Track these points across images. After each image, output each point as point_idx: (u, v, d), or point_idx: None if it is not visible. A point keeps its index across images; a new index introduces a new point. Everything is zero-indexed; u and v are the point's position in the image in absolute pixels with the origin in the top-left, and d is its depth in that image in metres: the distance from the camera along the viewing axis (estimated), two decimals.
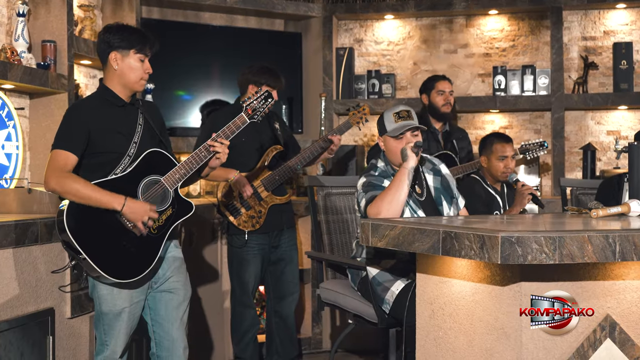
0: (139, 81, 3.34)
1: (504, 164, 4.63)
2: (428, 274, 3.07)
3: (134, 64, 3.31)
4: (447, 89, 5.22)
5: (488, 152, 4.69)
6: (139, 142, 3.29)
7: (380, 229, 2.96)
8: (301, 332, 5.76)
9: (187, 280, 3.46)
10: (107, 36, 3.34)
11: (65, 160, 3.15)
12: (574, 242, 2.50)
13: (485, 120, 6.38)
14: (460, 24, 6.47)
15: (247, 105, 3.50)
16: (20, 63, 4.24)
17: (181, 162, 3.32)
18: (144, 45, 3.31)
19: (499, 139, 4.71)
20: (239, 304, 4.64)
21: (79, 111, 3.29)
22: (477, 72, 6.43)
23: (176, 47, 5.99)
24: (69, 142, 3.18)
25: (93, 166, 3.22)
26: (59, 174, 3.11)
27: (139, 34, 3.37)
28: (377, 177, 3.74)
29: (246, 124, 3.50)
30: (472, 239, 2.56)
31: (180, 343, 3.39)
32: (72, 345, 3.56)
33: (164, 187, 3.27)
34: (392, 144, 3.74)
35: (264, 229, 4.58)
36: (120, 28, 3.38)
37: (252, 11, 6.32)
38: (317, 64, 6.43)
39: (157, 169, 3.27)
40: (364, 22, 6.58)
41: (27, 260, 3.28)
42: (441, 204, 3.84)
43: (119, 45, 3.31)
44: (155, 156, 3.28)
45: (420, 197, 3.77)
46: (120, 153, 3.24)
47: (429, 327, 3.08)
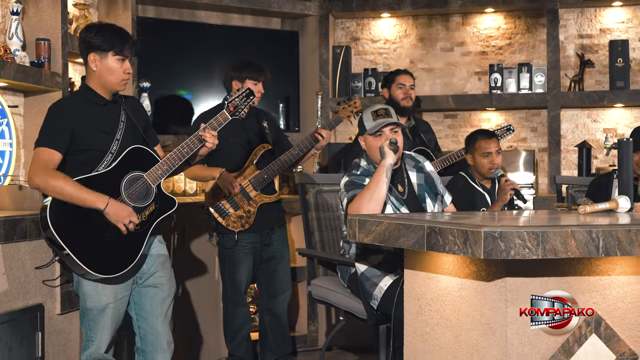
0: (119, 82, 3.34)
1: (488, 160, 4.63)
2: (415, 269, 3.08)
3: (112, 65, 3.31)
4: (408, 82, 5.18)
5: (472, 149, 4.69)
6: (121, 139, 3.31)
7: (367, 224, 2.96)
8: (296, 330, 5.76)
9: (171, 275, 3.48)
10: (86, 36, 3.34)
11: (50, 157, 3.16)
12: (557, 237, 2.50)
13: (482, 118, 6.38)
14: (456, 22, 6.47)
15: (228, 103, 3.52)
16: (13, 61, 4.25)
17: (164, 157, 3.33)
18: (122, 47, 3.31)
19: (482, 135, 4.72)
20: (231, 302, 4.64)
21: (61, 109, 3.30)
22: (474, 70, 6.44)
23: (174, 47, 6.01)
24: (53, 140, 3.20)
25: (76, 164, 3.24)
26: (43, 171, 3.12)
27: (118, 35, 3.35)
28: (359, 176, 3.75)
29: (228, 120, 3.52)
30: (456, 234, 2.57)
31: (165, 337, 3.41)
32: (62, 342, 3.57)
33: (146, 183, 3.28)
34: (371, 142, 3.75)
35: (255, 227, 4.57)
36: (100, 28, 3.37)
37: (248, 10, 6.33)
38: (313, 63, 6.44)
39: (139, 165, 3.28)
40: (361, 21, 6.59)
41: (16, 257, 3.29)
42: (424, 201, 3.84)
43: (98, 46, 3.31)
44: (137, 153, 3.29)
45: (403, 195, 3.77)
46: (103, 150, 3.26)
47: (417, 323, 3.08)
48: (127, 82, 3.39)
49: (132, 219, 3.19)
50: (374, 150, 3.75)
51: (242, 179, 4.55)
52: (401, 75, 5.19)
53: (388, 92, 5.19)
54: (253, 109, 4.73)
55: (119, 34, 3.36)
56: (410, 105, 5.16)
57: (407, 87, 5.14)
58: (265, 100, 6.33)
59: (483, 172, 4.66)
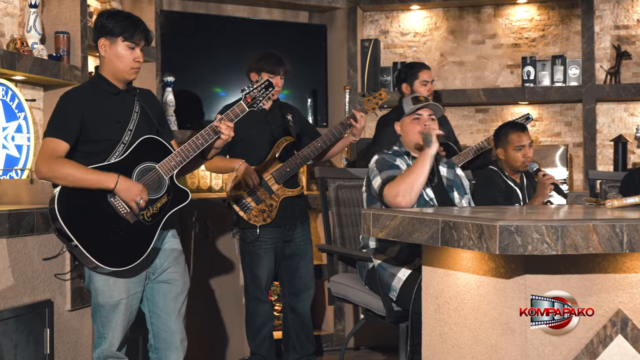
0: (129, 70, 3.26)
1: (522, 153, 4.48)
2: (433, 266, 2.95)
3: (121, 51, 3.23)
4: (430, 79, 5.01)
5: (504, 143, 4.53)
6: (134, 129, 3.22)
7: (381, 219, 2.85)
8: (322, 329, 5.66)
9: (185, 271, 3.38)
10: (98, 20, 3.27)
11: (56, 147, 3.09)
12: (577, 232, 2.36)
13: (515, 112, 6.21)
14: (488, 13, 6.30)
15: (246, 94, 3.42)
16: (30, 54, 4.20)
17: (178, 149, 3.24)
18: (132, 33, 3.22)
19: (513, 129, 4.56)
20: (252, 298, 4.55)
21: (71, 98, 3.22)
22: (506, 63, 6.26)
23: (200, 41, 5.93)
24: (60, 130, 3.12)
25: (88, 154, 3.16)
26: (49, 159, 3.05)
27: (130, 21, 3.26)
28: (390, 155, 3.68)
29: (245, 112, 3.42)
30: (471, 228, 2.44)
31: (178, 334, 3.32)
32: (73, 339, 3.50)
33: (159, 174, 3.19)
34: (407, 125, 3.71)
35: (276, 222, 4.47)
36: (112, 14, 3.29)
37: (275, 3, 6.23)
38: (341, 56, 6.32)
39: (152, 156, 3.19)
40: (390, 13, 6.45)
41: (22, 251, 3.22)
42: (452, 192, 3.75)
43: (108, 31, 3.23)
44: (150, 143, 3.21)
45: (432, 182, 3.68)
46: (115, 140, 3.18)
47: (435, 322, 2.96)
48: (138, 71, 3.30)
49: (143, 196, 3.11)
50: (410, 134, 3.71)
51: (265, 172, 4.46)
52: (424, 70, 4.98)
53: (410, 87, 4.96)
54: (277, 102, 4.64)
55: (130, 20, 3.28)
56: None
57: (430, 83, 4.97)
58: (293, 94, 6.27)
59: (516, 166, 4.50)
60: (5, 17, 4.39)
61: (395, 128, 3.75)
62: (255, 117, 4.49)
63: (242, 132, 4.48)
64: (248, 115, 4.45)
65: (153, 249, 3.24)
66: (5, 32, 4.38)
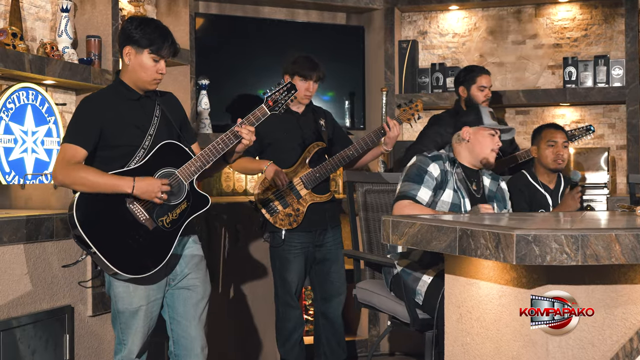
0: (151, 81, 3.21)
1: (553, 150, 4.38)
2: (455, 274, 2.87)
3: (146, 62, 3.18)
4: (488, 84, 4.91)
5: (537, 139, 4.47)
6: (154, 134, 3.19)
7: (400, 226, 2.77)
8: (357, 334, 5.59)
9: (206, 277, 3.33)
10: (127, 27, 3.23)
11: (73, 153, 3.07)
12: (599, 242, 2.26)
13: (556, 114, 6.07)
14: (529, 13, 6.17)
15: (268, 97, 3.37)
16: (60, 59, 4.22)
17: (198, 154, 3.20)
18: (160, 46, 3.17)
19: (548, 126, 4.50)
20: (282, 304, 4.50)
21: (90, 104, 3.21)
22: (547, 64, 6.12)
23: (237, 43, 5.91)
24: (78, 136, 3.10)
25: (107, 159, 3.14)
26: (65, 165, 3.04)
27: (158, 33, 3.20)
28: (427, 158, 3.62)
29: (267, 115, 3.37)
30: (488, 237, 2.36)
31: (199, 342, 3.27)
32: (94, 345, 3.49)
33: (178, 179, 3.16)
34: (486, 137, 3.65)
35: (305, 227, 4.41)
36: (141, 22, 3.23)
37: (312, 4, 6.18)
38: (379, 58, 6.24)
39: (171, 161, 3.16)
40: (429, 14, 6.35)
41: (41, 257, 3.22)
42: (492, 202, 3.68)
43: (135, 40, 3.18)
44: (170, 148, 3.17)
45: (477, 193, 3.62)
46: (135, 146, 3.15)
47: (457, 332, 2.88)
48: (159, 82, 3.26)
49: (163, 187, 3.07)
50: (480, 145, 3.67)
51: (294, 176, 4.41)
52: (483, 75, 4.90)
53: (467, 91, 4.90)
54: (310, 106, 4.59)
55: (159, 32, 3.21)
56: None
57: (488, 89, 4.89)
58: (331, 97, 6.21)
59: (546, 162, 4.39)
60: (37, 22, 4.41)
61: (463, 132, 3.67)
62: (286, 121, 4.46)
63: (273, 135, 4.44)
64: (279, 119, 4.43)
65: (173, 255, 3.21)
66: (37, 36, 4.40)
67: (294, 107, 4.50)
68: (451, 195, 3.53)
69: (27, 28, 4.33)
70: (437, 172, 3.57)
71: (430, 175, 3.54)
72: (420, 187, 3.50)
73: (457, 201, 3.53)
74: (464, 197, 3.54)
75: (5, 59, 3.79)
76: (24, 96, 4.06)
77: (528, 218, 3.08)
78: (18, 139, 4.02)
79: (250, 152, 4.46)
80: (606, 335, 2.50)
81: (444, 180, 3.57)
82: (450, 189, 3.53)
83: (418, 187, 3.50)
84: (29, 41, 4.32)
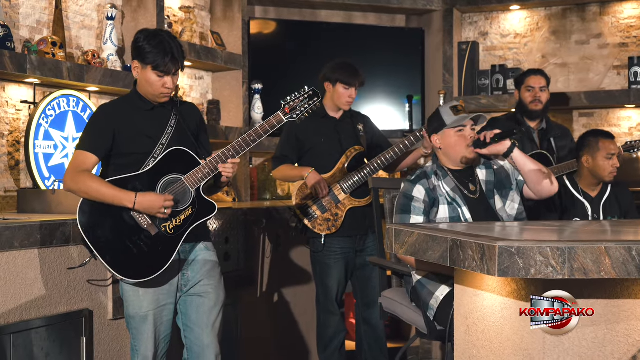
0: (158, 94, 3.20)
1: (611, 163, 4.18)
2: (463, 285, 2.79)
3: (151, 78, 3.17)
4: (537, 84, 4.73)
5: (593, 150, 4.22)
6: (167, 143, 3.20)
7: (401, 235, 2.71)
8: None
9: (220, 284, 3.32)
10: (135, 41, 3.23)
11: (84, 160, 3.12)
12: (587, 254, 2.14)
13: (621, 116, 5.84)
14: (593, 12, 5.95)
15: (285, 104, 3.33)
16: (101, 66, 4.30)
17: (205, 161, 3.20)
18: (161, 63, 3.13)
19: (604, 136, 4.26)
20: (323, 310, 4.47)
21: (104, 113, 3.25)
22: (612, 64, 5.89)
23: (294, 47, 5.94)
24: (90, 143, 3.15)
25: (121, 166, 3.18)
26: (74, 172, 3.09)
27: (160, 48, 3.16)
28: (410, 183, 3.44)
29: (282, 123, 3.33)
30: (475, 248, 2.27)
31: (212, 350, 3.25)
32: (116, 348, 3.53)
33: (184, 186, 3.16)
34: (451, 137, 3.44)
35: (344, 232, 4.37)
36: (147, 37, 3.21)
37: (368, 7, 6.14)
38: (438, 60, 6.15)
39: (178, 168, 3.17)
40: (490, 14, 6.21)
41: (57, 261, 3.28)
42: (492, 198, 3.49)
43: (140, 55, 3.18)
44: (178, 155, 3.18)
45: (474, 194, 3.45)
46: (144, 154, 3.17)
47: (465, 344, 2.79)
48: (169, 95, 3.25)
49: (166, 203, 3.08)
50: (452, 147, 3.44)
51: (332, 181, 4.38)
52: (531, 76, 4.76)
53: (519, 93, 4.80)
54: (348, 111, 4.55)
55: (161, 48, 3.17)
56: (540, 108, 4.71)
57: (537, 89, 4.71)
58: (390, 100, 6.15)
59: (603, 175, 4.20)
60: (82, 30, 4.52)
61: (433, 141, 3.51)
62: (325, 127, 4.44)
63: (311, 140, 4.43)
64: (318, 125, 4.43)
65: (184, 260, 3.23)
66: (83, 44, 4.51)
67: (332, 112, 4.48)
68: (446, 210, 3.38)
69: (72, 37, 4.44)
70: (423, 194, 3.40)
71: (416, 201, 3.40)
72: (410, 217, 3.38)
73: (454, 214, 3.38)
74: (460, 206, 3.39)
75: (42, 67, 3.89)
76: (65, 103, 4.15)
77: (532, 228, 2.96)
78: (58, 144, 4.12)
79: (290, 159, 4.46)
80: (607, 353, 2.37)
81: (433, 197, 3.41)
82: (444, 204, 3.38)
83: (408, 217, 3.38)
84: (74, 49, 4.43)
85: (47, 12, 4.27)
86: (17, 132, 4.09)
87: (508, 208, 3.47)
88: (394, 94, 6.16)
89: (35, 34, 4.20)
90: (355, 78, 4.42)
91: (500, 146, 3.43)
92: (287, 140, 4.49)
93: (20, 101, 4.07)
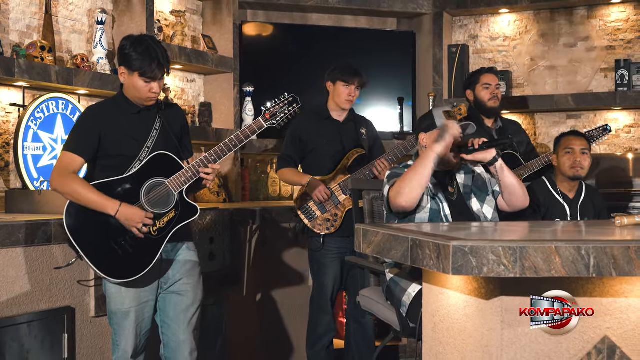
0: (145, 99, 3.28)
1: (570, 157, 4.27)
2: (430, 283, 2.86)
3: (137, 83, 3.25)
4: (494, 82, 4.82)
5: (557, 147, 4.38)
6: (152, 146, 3.29)
7: (368, 235, 2.79)
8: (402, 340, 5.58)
9: (198, 284, 3.42)
10: (121, 47, 3.31)
11: (71, 161, 3.20)
12: (538, 254, 2.22)
13: (608, 118, 5.90)
14: (581, 15, 6.02)
15: (266, 110, 3.43)
16: (90, 70, 4.39)
17: (189, 165, 3.30)
18: (147, 69, 3.21)
19: (568, 134, 4.44)
20: (317, 308, 4.58)
21: (91, 115, 3.34)
22: (599, 67, 5.96)
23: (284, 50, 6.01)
24: (76, 145, 3.24)
25: (107, 167, 3.27)
26: (61, 174, 3.18)
27: (147, 54, 3.23)
28: (401, 168, 3.55)
29: (262, 128, 3.43)
30: (432, 247, 2.35)
31: (187, 346, 3.36)
32: (98, 345, 3.62)
33: (168, 189, 3.25)
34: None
35: (343, 232, 4.48)
36: (134, 43, 3.28)
37: (358, 10, 6.21)
38: (428, 63, 6.22)
39: (163, 172, 3.26)
40: (479, 18, 6.28)
41: (40, 260, 3.37)
42: (470, 200, 3.57)
43: (127, 62, 3.26)
44: (162, 159, 3.27)
45: (452, 196, 3.54)
46: (130, 156, 3.26)
47: (432, 342, 2.87)
48: (156, 99, 3.34)
49: (146, 221, 3.18)
50: None
51: (333, 182, 4.48)
52: (485, 74, 4.87)
53: (472, 93, 4.85)
54: (351, 114, 4.65)
55: (147, 54, 3.24)
56: (498, 105, 4.82)
57: (493, 86, 4.81)
58: (382, 102, 6.22)
59: (563, 170, 4.30)
60: (72, 35, 4.61)
61: (420, 140, 3.61)
62: (327, 129, 4.56)
63: (314, 141, 4.55)
64: (321, 126, 4.54)
65: (166, 260, 3.32)
66: (73, 48, 4.60)
67: (336, 115, 4.59)
68: (429, 201, 3.47)
69: (62, 41, 4.53)
70: None
71: None
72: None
73: (436, 207, 3.47)
74: (442, 201, 3.48)
75: (30, 71, 3.98)
76: (54, 106, 4.24)
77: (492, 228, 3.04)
78: (47, 146, 4.21)
79: (294, 159, 4.57)
80: (563, 349, 2.45)
81: None
82: (427, 195, 3.47)
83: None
84: (64, 53, 4.52)
85: (37, 17, 4.36)
86: (7, 134, 4.19)
87: (485, 211, 3.55)
88: (385, 96, 6.23)
89: (25, 38, 4.30)
90: (354, 76, 4.52)
91: (487, 154, 3.50)
92: (291, 141, 4.62)
93: (10, 104, 4.16)
